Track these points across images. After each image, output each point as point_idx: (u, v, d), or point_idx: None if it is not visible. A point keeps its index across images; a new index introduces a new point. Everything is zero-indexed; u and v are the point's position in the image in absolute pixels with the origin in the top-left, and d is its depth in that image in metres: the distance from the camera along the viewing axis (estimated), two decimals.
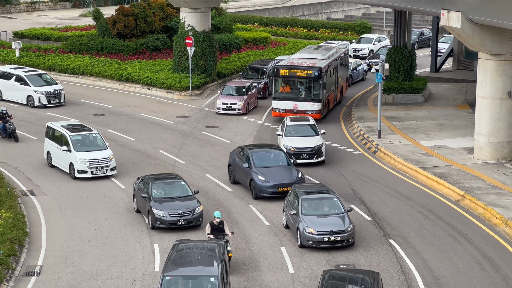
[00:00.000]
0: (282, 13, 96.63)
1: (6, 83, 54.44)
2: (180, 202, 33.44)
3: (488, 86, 40.08)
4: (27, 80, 53.63)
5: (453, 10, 39.22)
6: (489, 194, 36.04)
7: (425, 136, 45.58)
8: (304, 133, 42.12)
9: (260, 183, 36.31)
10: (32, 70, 55.85)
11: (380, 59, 66.37)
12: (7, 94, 54.51)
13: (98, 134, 40.46)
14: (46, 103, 52.92)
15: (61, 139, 40.18)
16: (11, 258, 29.64)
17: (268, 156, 38.13)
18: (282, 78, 48.74)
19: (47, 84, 53.77)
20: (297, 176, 36.72)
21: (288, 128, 42.45)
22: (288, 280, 28.70)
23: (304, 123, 42.93)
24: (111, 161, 39.39)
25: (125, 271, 29.42)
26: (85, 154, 39.17)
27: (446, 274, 29.10)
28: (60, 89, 53.68)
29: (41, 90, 53.06)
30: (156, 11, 65.78)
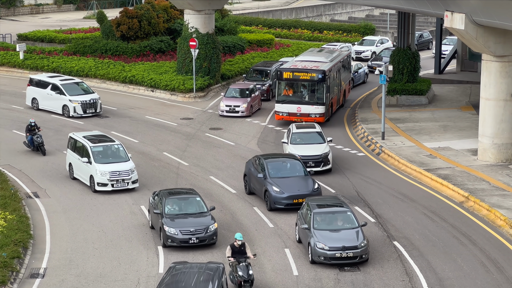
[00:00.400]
0: (286, 15, 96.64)
1: (42, 92, 52.60)
2: (193, 219, 31.83)
3: (492, 88, 40.05)
4: (63, 89, 51.70)
5: (456, 11, 39.21)
6: (493, 195, 36.00)
7: (429, 138, 45.55)
8: (311, 141, 41.10)
9: (274, 194, 35.14)
10: (69, 79, 53.91)
11: (383, 61, 66.24)
12: (43, 103, 52.66)
13: (120, 145, 39.01)
14: (81, 113, 51.12)
15: (82, 150, 38.78)
16: (15, 261, 29.67)
17: (284, 166, 36.91)
18: (285, 81, 48.41)
19: (83, 93, 51.88)
20: (313, 187, 35.47)
21: (294, 136, 41.44)
22: (292, 282, 28.69)
23: (310, 130, 41.90)
24: (132, 174, 37.84)
25: (129, 273, 29.43)
26: (105, 166, 37.66)
27: (450, 276, 29.08)
28: (96, 98, 51.77)
29: (77, 100, 51.20)
30: (160, 13, 65.82)
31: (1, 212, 33.78)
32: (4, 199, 35.24)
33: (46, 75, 54.98)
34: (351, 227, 30.53)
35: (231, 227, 33.70)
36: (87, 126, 48.84)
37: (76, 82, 52.94)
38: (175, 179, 39.72)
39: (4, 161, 42.45)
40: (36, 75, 54.53)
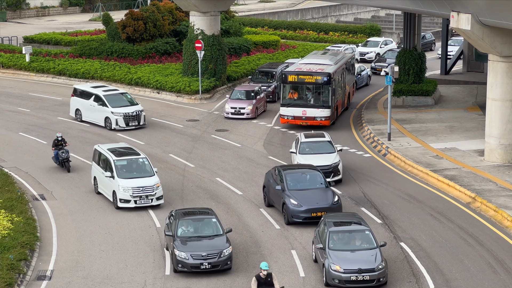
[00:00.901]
0: (292, 16, 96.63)
1: (85, 103, 50.08)
2: (207, 241, 29.59)
3: (499, 88, 39.98)
4: (105, 100, 49.07)
5: (462, 12, 39.15)
6: (500, 196, 35.93)
7: (436, 139, 45.49)
8: (320, 150, 39.49)
9: (292, 207, 33.66)
10: (113, 89, 51.16)
11: (386, 63, 65.95)
12: (86, 115, 50.15)
13: (145, 159, 36.85)
14: (124, 126, 48.57)
15: (105, 164, 36.82)
16: (22, 263, 29.69)
17: (303, 177, 35.45)
18: (290, 84, 47.87)
19: (127, 105, 49.33)
20: (333, 200, 33.95)
21: (303, 145, 39.88)
22: (299, 284, 28.66)
23: (319, 139, 40.31)
24: (157, 189, 35.68)
25: (136, 275, 29.43)
26: (128, 181, 35.55)
27: (457, 277, 29.02)
28: (140, 110, 49.18)
29: (119, 112, 48.61)
30: (165, 15, 65.86)
31: (8, 214, 33.83)
32: (11, 201, 35.28)
33: (90, 85, 52.48)
34: (369, 247, 28.67)
35: (237, 228, 33.69)
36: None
37: (121, 93, 50.34)
38: (181, 181, 39.72)
39: (11, 163, 42.50)
40: (80, 85, 52.06)
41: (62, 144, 41.13)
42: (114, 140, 46.73)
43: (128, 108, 49.07)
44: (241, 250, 31.47)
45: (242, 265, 30.02)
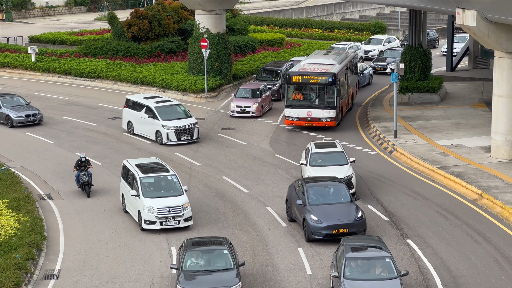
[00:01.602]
0: (297, 14, 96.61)
1: (137, 115, 47.01)
2: (216, 275, 27.08)
3: (505, 85, 39.92)
4: (156, 113, 45.80)
5: (468, 8, 39.10)
6: (507, 193, 35.89)
7: (442, 136, 45.46)
8: (332, 162, 37.16)
9: (312, 224, 31.53)
10: (165, 100, 47.66)
11: (386, 62, 65.32)
12: (138, 128, 47.12)
13: (174, 176, 34.09)
14: (175, 140, 45.42)
15: (132, 181, 34.34)
16: (30, 262, 29.76)
17: (326, 191, 33.32)
18: (294, 85, 47.10)
19: (180, 118, 45.95)
20: (356, 216, 31.77)
21: (313, 156, 37.46)
22: (306, 282, 28.67)
23: (331, 150, 38.04)
24: (185, 210, 32.97)
25: (143, 274, 29.47)
26: (154, 201, 32.93)
27: (464, 273, 29.01)
28: (193, 124, 45.81)
29: (170, 125, 45.41)
30: (171, 14, 65.90)
31: (15, 214, 33.90)
32: (17, 201, 35.36)
33: (143, 95, 49.29)
34: (388, 277, 26.18)
35: (244, 227, 33.72)
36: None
37: (172, 105, 46.85)
38: (187, 179, 39.75)
39: (18, 163, 42.58)
40: (132, 96, 48.83)
41: (86, 165, 37.58)
42: (121, 140, 46.80)
43: (180, 121, 45.68)
44: (248, 248, 31.50)
45: (249, 264, 30.04)
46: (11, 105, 50.40)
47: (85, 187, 37.42)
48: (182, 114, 46.20)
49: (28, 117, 49.60)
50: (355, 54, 55.77)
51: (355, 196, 33.17)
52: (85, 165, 37.54)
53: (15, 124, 49.30)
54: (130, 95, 50.09)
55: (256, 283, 28.54)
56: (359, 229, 31.63)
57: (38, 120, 49.94)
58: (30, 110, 50.03)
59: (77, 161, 37.71)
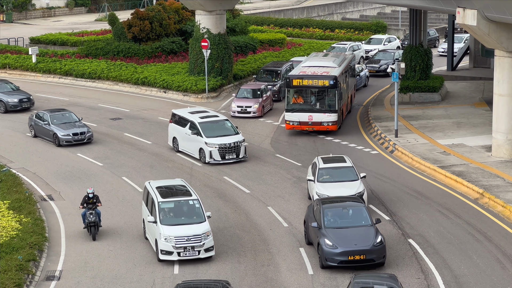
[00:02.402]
0: (297, 14, 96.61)
1: (181, 131, 43.84)
2: None
3: (506, 84, 39.91)
4: (200, 128, 42.53)
5: (468, 8, 39.10)
6: (508, 191, 35.88)
7: (443, 135, 45.46)
8: (341, 178, 35.10)
9: (326, 249, 29.11)
10: (211, 115, 44.26)
11: (379, 64, 64.30)
12: (182, 145, 43.88)
13: (197, 201, 31.11)
14: (219, 159, 42.03)
15: (151, 206, 31.34)
16: (31, 263, 29.76)
17: (344, 213, 30.96)
18: (295, 89, 46.20)
19: (225, 134, 42.70)
20: (374, 242, 29.22)
21: (321, 172, 35.37)
22: (307, 281, 28.67)
23: (340, 165, 35.87)
24: (206, 239, 30.11)
25: (145, 274, 29.47)
26: (172, 228, 30.06)
27: (466, 273, 29.00)
28: (240, 141, 42.38)
29: (214, 143, 42.01)
30: (171, 14, 65.91)
31: (16, 215, 33.91)
32: (19, 202, 35.37)
33: (189, 109, 45.73)
34: None
35: (245, 227, 33.72)
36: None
37: (221, 120, 43.70)
38: (189, 179, 39.73)
39: (19, 164, 42.60)
40: (178, 110, 45.55)
41: (94, 203, 32.84)
42: (122, 140, 46.76)
43: (225, 138, 42.31)
44: (249, 248, 31.50)
45: (250, 263, 30.05)
46: (60, 121, 46.48)
47: (91, 228, 32.61)
48: (229, 131, 42.82)
49: (76, 136, 45.72)
50: (353, 56, 55.02)
51: (375, 219, 30.74)
52: (93, 202, 32.79)
53: (62, 143, 45.52)
54: (177, 109, 46.32)
55: (258, 283, 28.55)
56: (377, 255, 29.20)
57: (87, 139, 45.91)
58: (79, 128, 46.03)
59: (84, 197, 33.05)
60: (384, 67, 64.01)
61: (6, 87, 54.32)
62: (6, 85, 54.53)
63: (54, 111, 47.77)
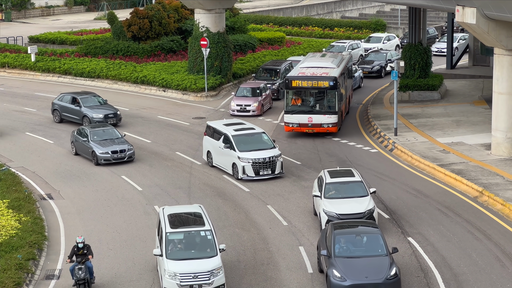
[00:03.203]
0: (297, 12, 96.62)
1: (215, 145, 40.91)
2: None
3: (505, 82, 39.91)
4: (233, 142, 39.54)
5: (468, 6, 39.09)
6: (507, 190, 35.89)
7: (442, 133, 45.46)
8: (349, 193, 32.67)
9: (334, 281, 26.43)
10: (247, 128, 41.07)
11: (371, 65, 63.28)
12: (216, 159, 41.02)
13: (209, 232, 27.74)
14: (252, 175, 38.96)
15: (161, 236, 28.27)
16: (31, 262, 29.76)
17: (358, 241, 28.07)
18: (294, 90, 45.54)
19: (260, 148, 39.57)
20: (388, 275, 26.48)
21: (328, 187, 32.91)
22: (307, 280, 28.68)
23: (348, 179, 33.39)
24: (216, 276, 26.86)
25: (144, 273, 29.46)
26: (178, 264, 26.93)
27: (465, 271, 29.00)
28: (276, 156, 39.21)
29: (247, 157, 39.01)
30: (171, 13, 65.92)
31: (15, 214, 33.91)
32: (18, 201, 35.37)
33: (224, 121, 42.67)
34: None
35: (245, 225, 33.72)
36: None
37: (257, 133, 40.50)
38: (188, 178, 39.75)
39: (18, 163, 42.59)
40: (213, 122, 42.53)
41: (85, 254, 27.82)
42: None
43: (260, 152, 39.29)
44: (249, 247, 31.51)
45: (249, 262, 30.05)
46: (101, 138, 42.85)
47: (80, 285, 27.46)
48: (265, 144, 39.86)
49: (115, 154, 42.00)
50: (351, 56, 54.22)
51: (392, 248, 27.96)
52: (84, 254, 27.80)
53: (100, 161, 41.90)
54: (212, 121, 43.60)
55: (257, 281, 28.55)
56: None
57: (128, 157, 42.27)
58: (119, 145, 42.42)
59: (72, 248, 28.02)
60: (377, 68, 63.11)
61: (93, 100, 49.69)
62: (93, 99, 49.86)
63: (95, 127, 44.09)
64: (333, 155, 43.21)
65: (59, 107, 50.38)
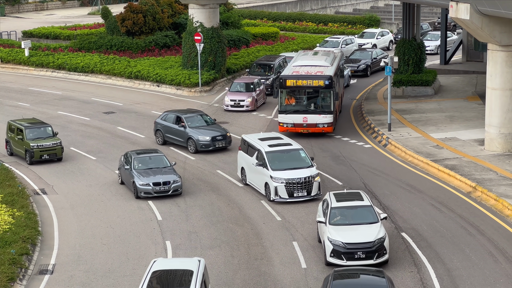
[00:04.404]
0: (291, 7, 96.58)
1: (249, 161, 37.41)
2: None
3: (498, 78, 39.97)
4: (266, 159, 35.97)
5: (461, 1, 39.12)
6: (500, 185, 35.96)
7: (436, 129, 45.51)
8: (358, 220, 29.58)
9: None
10: (283, 144, 37.13)
11: (356, 64, 62.19)
12: (250, 177, 37.48)
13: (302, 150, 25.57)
14: (285, 197, 35.33)
15: None
16: (24, 257, 29.74)
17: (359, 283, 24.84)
18: (289, 89, 44.44)
19: (296, 167, 35.77)
20: None
21: (334, 212, 29.81)
22: (300, 275, 28.71)
23: (356, 203, 30.26)
24: None
25: (138, 268, 29.47)
26: None
27: (458, 266, 29.06)
28: (313, 176, 35.35)
29: (280, 177, 35.18)
30: (165, 8, 65.84)
31: (9, 209, 33.87)
32: (12, 196, 35.33)
33: (260, 135, 38.82)
34: None
35: (239, 220, 33.74)
36: None
37: (294, 149, 36.69)
38: (182, 173, 39.74)
39: (11, 158, 42.54)
40: (248, 136, 38.71)
41: None
42: (115, 134, 46.69)
43: (295, 172, 35.53)
44: (243, 242, 31.53)
45: (243, 257, 30.08)
46: (146, 166, 37.33)
47: None
48: (302, 162, 36.08)
49: (157, 186, 36.15)
50: (342, 54, 53.31)
51: None
52: None
53: (140, 195, 36.24)
54: (247, 134, 40.34)
55: (251, 276, 28.58)
56: None
57: (173, 191, 36.35)
58: (163, 175, 36.62)
59: None
60: (363, 67, 62.09)
61: (199, 120, 44.21)
62: (199, 118, 44.39)
63: (141, 153, 38.18)
64: (327, 150, 43.24)
65: (162, 127, 44.63)
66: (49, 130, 42.56)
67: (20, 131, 42.24)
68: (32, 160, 41.41)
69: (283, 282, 28.14)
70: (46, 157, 41.51)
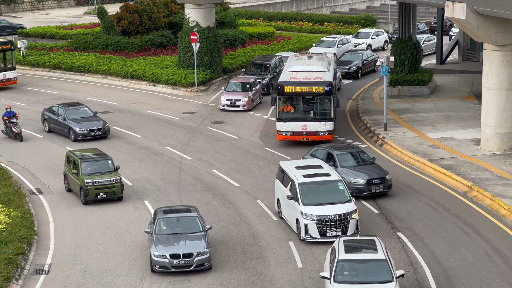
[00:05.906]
0: (287, 7, 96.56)
1: (284, 192, 33.05)
2: None
3: (494, 77, 40.01)
4: (298, 191, 31.63)
5: (457, 1, 39.14)
6: (496, 185, 35.99)
7: (432, 128, 45.54)
8: (369, 277, 25.08)
9: None
10: (321, 174, 32.60)
11: (347, 66, 61.04)
12: (284, 210, 33.15)
13: None
14: (317, 236, 30.96)
15: None
16: (20, 257, 29.71)
17: None
18: (287, 96, 42.73)
19: (332, 202, 31.27)
20: None
21: (341, 265, 25.34)
22: (296, 275, 28.71)
23: (369, 256, 25.71)
24: None
25: (134, 268, 29.46)
26: None
27: (454, 266, 29.09)
28: (349, 212, 30.99)
29: (312, 213, 30.81)
30: (161, 8, 65.80)
31: (5, 208, 33.84)
32: (7, 195, 35.30)
33: (299, 163, 34.33)
34: None
35: (234, 220, 33.74)
36: None
37: (332, 181, 32.09)
38: (178, 173, 39.74)
39: (7, 157, 42.50)
40: (286, 163, 34.37)
41: None
42: (111, 134, 46.62)
43: (330, 208, 31.03)
44: (239, 242, 31.52)
45: (239, 257, 30.07)
46: (171, 230, 29.92)
47: None
48: (339, 196, 31.57)
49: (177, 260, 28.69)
50: (335, 58, 52.16)
51: None
52: None
53: (154, 269, 28.97)
54: (286, 161, 35.54)
55: (247, 276, 28.58)
56: None
57: (196, 265, 28.85)
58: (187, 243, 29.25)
59: None
60: (353, 69, 61.13)
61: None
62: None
63: (167, 211, 30.99)
64: None
65: None
66: (110, 164, 36.62)
67: (76, 164, 36.57)
68: (87, 199, 35.51)
69: (279, 282, 28.14)
70: (102, 196, 35.65)
